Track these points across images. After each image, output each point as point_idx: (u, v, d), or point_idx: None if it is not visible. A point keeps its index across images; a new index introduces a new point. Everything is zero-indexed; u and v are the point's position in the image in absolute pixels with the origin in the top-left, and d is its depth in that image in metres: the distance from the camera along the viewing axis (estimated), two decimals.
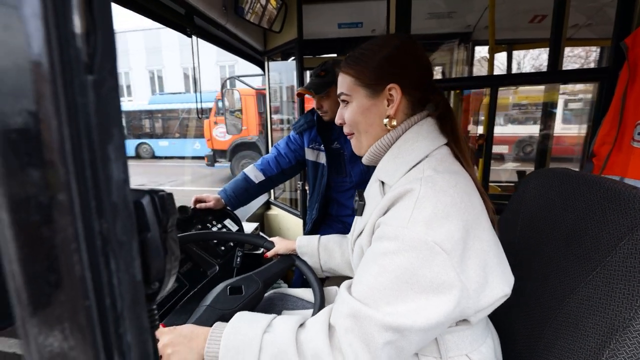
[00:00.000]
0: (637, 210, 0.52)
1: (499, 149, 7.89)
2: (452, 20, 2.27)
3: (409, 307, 0.49)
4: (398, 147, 0.64)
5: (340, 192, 1.55)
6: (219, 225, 1.31)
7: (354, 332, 0.51)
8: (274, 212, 2.21)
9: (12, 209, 0.16)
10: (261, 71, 2.24)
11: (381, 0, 1.54)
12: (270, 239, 1.07)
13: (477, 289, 0.52)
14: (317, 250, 0.98)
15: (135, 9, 1.09)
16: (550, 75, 1.29)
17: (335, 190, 1.57)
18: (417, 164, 0.61)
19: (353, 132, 0.70)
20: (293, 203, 2.46)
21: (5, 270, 0.17)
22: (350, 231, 0.87)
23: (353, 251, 0.73)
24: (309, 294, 0.98)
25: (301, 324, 0.59)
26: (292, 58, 2.12)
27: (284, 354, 0.53)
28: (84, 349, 0.17)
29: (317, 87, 1.33)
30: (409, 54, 0.65)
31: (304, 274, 0.97)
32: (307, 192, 1.75)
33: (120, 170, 0.18)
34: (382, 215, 0.58)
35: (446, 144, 0.64)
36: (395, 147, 0.65)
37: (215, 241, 1.22)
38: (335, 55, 2.61)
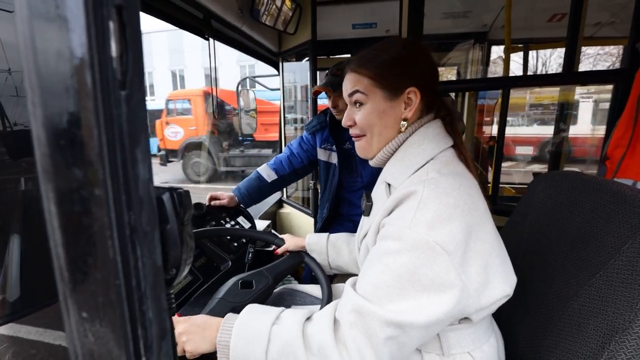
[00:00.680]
0: None
1: (523, 150, 7.75)
2: (468, 19, 2.25)
3: (411, 304, 0.51)
4: (405, 150, 0.66)
5: (351, 191, 1.58)
6: (232, 222, 1.36)
7: (358, 327, 0.53)
8: (286, 210, 2.24)
9: (59, 202, 0.19)
10: (276, 72, 2.28)
11: (394, 1, 1.55)
12: (280, 236, 1.10)
13: (477, 288, 0.54)
14: (326, 248, 1.00)
15: (156, 14, 1.15)
16: (565, 77, 1.27)
17: (346, 190, 1.60)
18: (422, 166, 0.62)
19: (364, 134, 0.70)
20: (305, 202, 2.49)
21: (52, 253, 0.20)
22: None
23: (360, 250, 0.75)
24: (317, 290, 1.00)
25: (308, 317, 0.62)
26: (307, 59, 2.15)
27: (291, 346, 0.56)
28: (113, 321, 0.21)
29: (335, 85, 1.35)
30: (424, 58, 0.67)
31: (312, 270, 1.00)
32: (319, 191, 1.78)
33: (146, 170, 0.22)
34: (386, 215, 0.60)
35: (452, 146, 0.66)
36: (402, 150, 0.67)
37: (228, 237, 1.27)
38: (349, 55, 2.63)
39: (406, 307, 0.51)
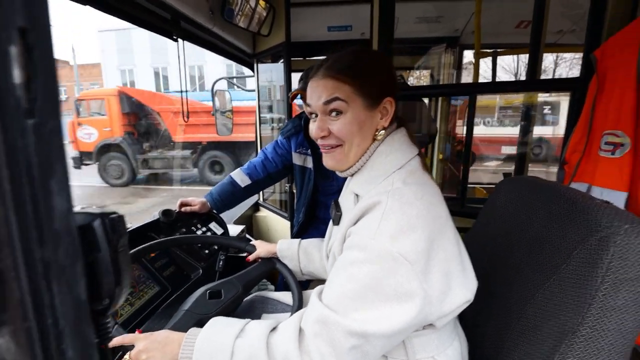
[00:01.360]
0: (590, 221, 0.54)
1: (508, 150, 8.09)
2: (441, 24, 2.30)
3: (374, 314, 0.52)
4: (372, 160, 0.66)
5: (327, 195, 1.58)
6: (204, 229, 1.33)
7: (322, 337, 0.53)
8: (263, 214, 2.22)
9: None
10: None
11: (368, 4, 1.56)
12: (252, 242, 1.09)
13: (439, 296, 0.55)
14: (297, 254, 1.00)
15: (121, 15, 1.10)
16: (526, 84, 1.33)
17: (322, 194, 1.60)
18: (388, 176, 0.63)
19: (339, 145, 0.66)
20: (282, 205, 2.48)
21: None
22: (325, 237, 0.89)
23: (328, 258, 0.75)
24: (288, 297, 1.00)
25: (274, 328, 0.61)
26: (282, 60, 2.14)
27: (255, 358, 0.55)
28: None
29: None
30: (391, 68, 0.68)
31: (284, 277, 0.99)
32: (295, 195, 1.77)
33: (64, 201, 0.20)
34: (352, 225, 0.61)
35: (418, 154, 0.67)
36: (370, 160, 0.66)
37: (199, 245, 1.24)
38: (325, 57, 2.63)
39: (370, 317, 0.52)
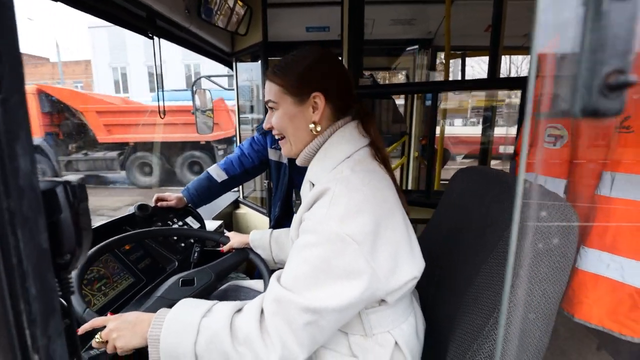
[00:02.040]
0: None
1: (509, 149, 8.27)
2: (414, 27, 2.38)
3: (326, 292, 0.57)
4: (325, 150, 0.72)
5: None
6: (180, 223, 1.35)
7: (279, 315, 0.58)
8: (243, 210, 2.25)
9: None
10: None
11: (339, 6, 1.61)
12: (226, 234, 1.12)
13: (386, 273, 0.60)
14: (269, 243, 1.04)
15: (94, 12, 1.12)
16: (483, 82, 1.42)
17: (298, 188, 1.64)
18: (338, 164, 0.68)
19: (283, 136, 0.76)
20: (263, 202, 2.51)
21: None
22: None
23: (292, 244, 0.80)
24: (261, 285, 1.04)
25: (239, 309, 0.64)
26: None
27: (218, 337, 0.58)
28: None
29: None
30: (330, 65, 0.73)
31: (256, 265, 1.03)
32: (272, 190, 1.81)
33: (27, 163, 0.24)
34: (306, 210, 0.66)
35: (369, 144, 0.72)
36: (322, 151, 0.73)
37: (175, 238, 1.26)
38: None
39: (322, 295, 0.57)
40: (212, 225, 1.61)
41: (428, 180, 1.38)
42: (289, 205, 1.69)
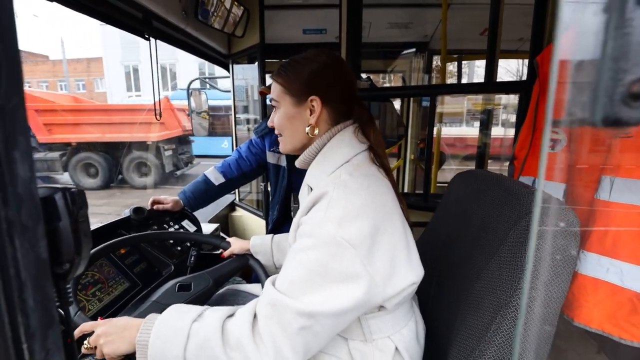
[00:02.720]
0: (523, 205, 0.61)
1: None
2: (411, 30, 2.40)
3: (322, 295, 0.56)
4: (323, 154, 0.72)
5: None
6: (176, 226, 1.34)
7: (273, 319, 0.56)
8: (239, 213, 2.23)
9: None
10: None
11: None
12: (227, 240, 1.11)
13: (383, 278, 0.59)
14: (270, 248, 1.03)
15: (91, 13, 1.11)
16: (480, 86, 1.43)
17: (296, 191, 1.63)
18: (337, 169, 0.68)
19: (281, 134, 0.78)
20: (259, 205, 2.49)
21: None
22: None
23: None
24: (260, 289, 1.02)
25: (232, 314, 0.63)
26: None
27: (209, 341, 0.57)
28: None
29: None
30: (333, 70, 0.73)
31: (256, 272, 1.02)
32: (270, 193, 1.80)
33: (26, 170, 0.23)
34: (304, 215, 0.65)
35: (368, 149, 0.72)
36: (321, 154, 0.72)
37: (171, 241, 1.25)
38: None
39: (317, 299, 0.56)
40: (208, 228, 1.60)
41: (426, 183, 1.38)
42: (288, 209, 1.68)
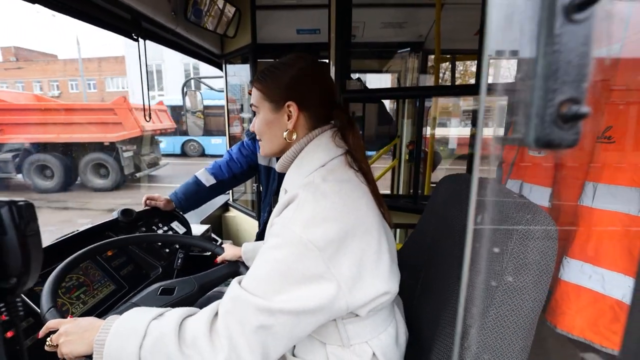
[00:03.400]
0: (502, 212, 0.61)
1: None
2: (405, 30, 2.38)
3: (284, 294, 0.56)
4: (301, 159, 0.72)
5: None
6: (165, 228, 1.33)
7: (232, 314, 0.56)
8: (232, 214, 2.23)
9: None
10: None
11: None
12: (223, 245, 1.10)
13: (347, 282, 0.58)
14: None
15: (76, 15, 1.10)
16: (471, 88, 1.43)
17: None
18: (311, 173, 0.68)
19: (260, 139, 0.79)
20: (254, 206, 2.49)
21: None
22: None
23: None
24: None
25: (193, 313, 0.62)
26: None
27: (164, 339, 0.56)
28: None
29: None
30: (310, 75, 0.72)
31: None
32: (261, 194, 1.79)
33: None
34: (276, 216, 0.66)
35: (345, 153, 0.71)
36: (298, 159, 0.72)
37: (159, 244, 1.24)
38: None
39: (279, 297, 0.56)
40: (199, 229, 1.59)
41: (415, 185, 1.37)
42: None
